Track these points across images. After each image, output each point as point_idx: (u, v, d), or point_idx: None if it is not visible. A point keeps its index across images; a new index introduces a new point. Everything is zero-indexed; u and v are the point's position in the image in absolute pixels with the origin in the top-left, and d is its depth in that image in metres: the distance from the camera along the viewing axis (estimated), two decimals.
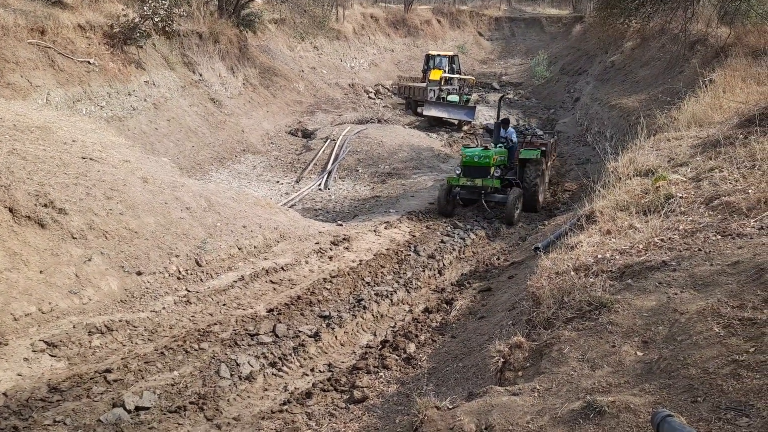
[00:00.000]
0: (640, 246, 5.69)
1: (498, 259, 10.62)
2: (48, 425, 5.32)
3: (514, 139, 15.00)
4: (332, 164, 18.04)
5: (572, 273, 5.46)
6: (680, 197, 6.76)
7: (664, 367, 3.65)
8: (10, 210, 7.30)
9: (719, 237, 5.34)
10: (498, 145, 14.65)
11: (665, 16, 21.02)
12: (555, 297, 5.27)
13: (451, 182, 13.90)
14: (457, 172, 13.93)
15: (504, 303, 7.89)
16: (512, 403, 3.83)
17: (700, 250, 5.15)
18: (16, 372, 5.88)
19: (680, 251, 5.26)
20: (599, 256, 5.75)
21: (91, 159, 9.43)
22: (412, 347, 7.29)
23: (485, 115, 27.35)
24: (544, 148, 15.41)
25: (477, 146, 14.87)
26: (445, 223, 12.92)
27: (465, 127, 24.59)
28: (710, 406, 3.16)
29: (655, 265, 5.07)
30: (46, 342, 6.28)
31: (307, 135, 21.90)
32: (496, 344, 5.07)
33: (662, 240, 5.67)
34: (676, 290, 4.53)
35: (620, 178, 8.51)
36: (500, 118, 15.43)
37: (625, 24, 22.86)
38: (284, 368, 6.70)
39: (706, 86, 12.72)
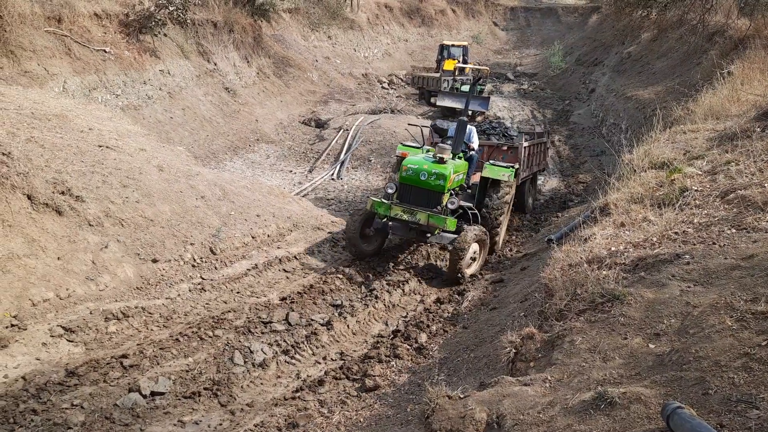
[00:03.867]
0: (654, 239, 5.67)
1: (510, 250, 10.61)
2: (65, 409, 5.43)
3: (475, 145, 10.45)
4: (345, 154, 18.05)
5: (585, 265, 5.46)
6: (695, 190, 6.71)
7: (675, 360, 3.66)
8: (29, 197, 7.40)
9: (734, 231, 5.31)
10: (458, 156, 9.70)
11: (683, 6, 20.76)
12: (568, 289, 5.27)
13: (376, 210, 8.98)
14: (389, 190, 9.16)
15: (516, 294, 7.89)
16: (523, 393, 3.86)
17: (714, 243, 5.13)
18: (35, 356, 5.99)
19: (694, 244, 5.24)
20: (613, 248, 5.74)
21: (107, 147, 9.52)
22: (423, 337, 7.33)
23: (499, 106, 27.23)
24: (515, 166, 10.28)
25: (425, 153, 9.51)
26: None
27: (479, 118, 24.54)
28: (721, 399, 3.17)
29: (669, 258, 5.05)
30: (63, 327, 6.39)
31: (321, 125, 21.92)
32: (508, 335, 5.09)
33: (676, 233, 5.64)
34: (689, 283, 4.52)
35: (635, 171, 8.45)
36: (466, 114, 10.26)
37: (642, 15, 22.62)
38: (297, 356, 6.78)
39: (723, 78, 12.56)
